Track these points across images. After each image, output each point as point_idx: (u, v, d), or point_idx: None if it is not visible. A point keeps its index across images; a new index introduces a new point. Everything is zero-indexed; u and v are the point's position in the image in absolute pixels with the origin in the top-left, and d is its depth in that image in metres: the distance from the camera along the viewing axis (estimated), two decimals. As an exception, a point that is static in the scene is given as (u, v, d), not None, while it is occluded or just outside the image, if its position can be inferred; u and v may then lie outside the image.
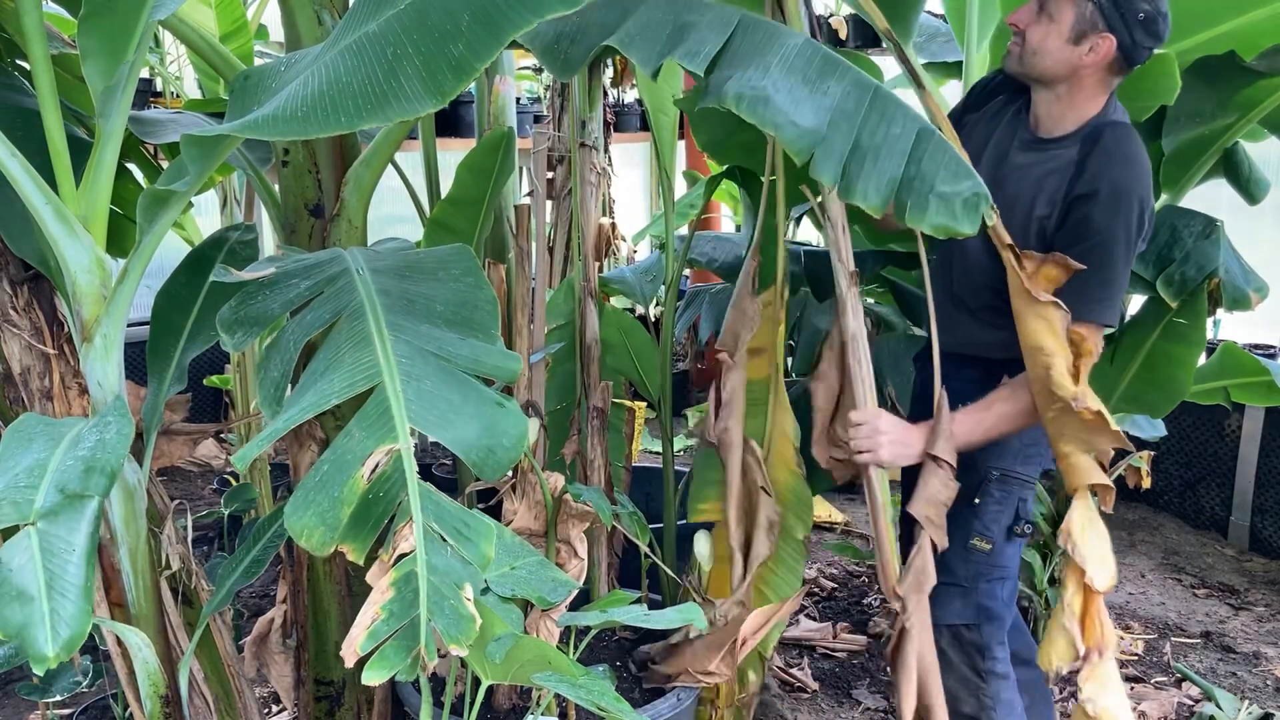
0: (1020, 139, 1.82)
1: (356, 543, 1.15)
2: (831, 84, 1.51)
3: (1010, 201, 1.75)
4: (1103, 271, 1.67)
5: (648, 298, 2.87)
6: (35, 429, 1.30)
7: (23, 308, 1.61)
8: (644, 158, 6.14)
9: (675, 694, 2.01)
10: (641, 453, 4.26)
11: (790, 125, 1.46)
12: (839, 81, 1.51)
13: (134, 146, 1.90)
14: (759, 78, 1.47)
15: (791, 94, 1.47)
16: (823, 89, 1.50)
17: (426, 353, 1.33)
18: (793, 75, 1.49)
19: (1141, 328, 2.32)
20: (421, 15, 1.10)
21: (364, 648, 1.08)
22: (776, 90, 1.47)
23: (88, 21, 1.36)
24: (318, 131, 1.08)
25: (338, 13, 1.74)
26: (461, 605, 1.13)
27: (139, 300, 1.50)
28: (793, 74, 1.50)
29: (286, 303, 1.43)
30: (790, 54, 1.52)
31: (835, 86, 1.51)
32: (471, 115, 4.09)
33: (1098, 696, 1.62)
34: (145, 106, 3.85)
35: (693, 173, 4.66)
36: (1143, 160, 1.71)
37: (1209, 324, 2.31)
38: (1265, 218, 2.76)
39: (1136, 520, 3.84)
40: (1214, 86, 2.06)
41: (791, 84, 1.48)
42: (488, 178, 2.13)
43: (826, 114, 1.48)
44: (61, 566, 1.10)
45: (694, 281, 4.77)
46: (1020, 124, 1.83)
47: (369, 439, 1.19)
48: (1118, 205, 1.66)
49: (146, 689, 1.50)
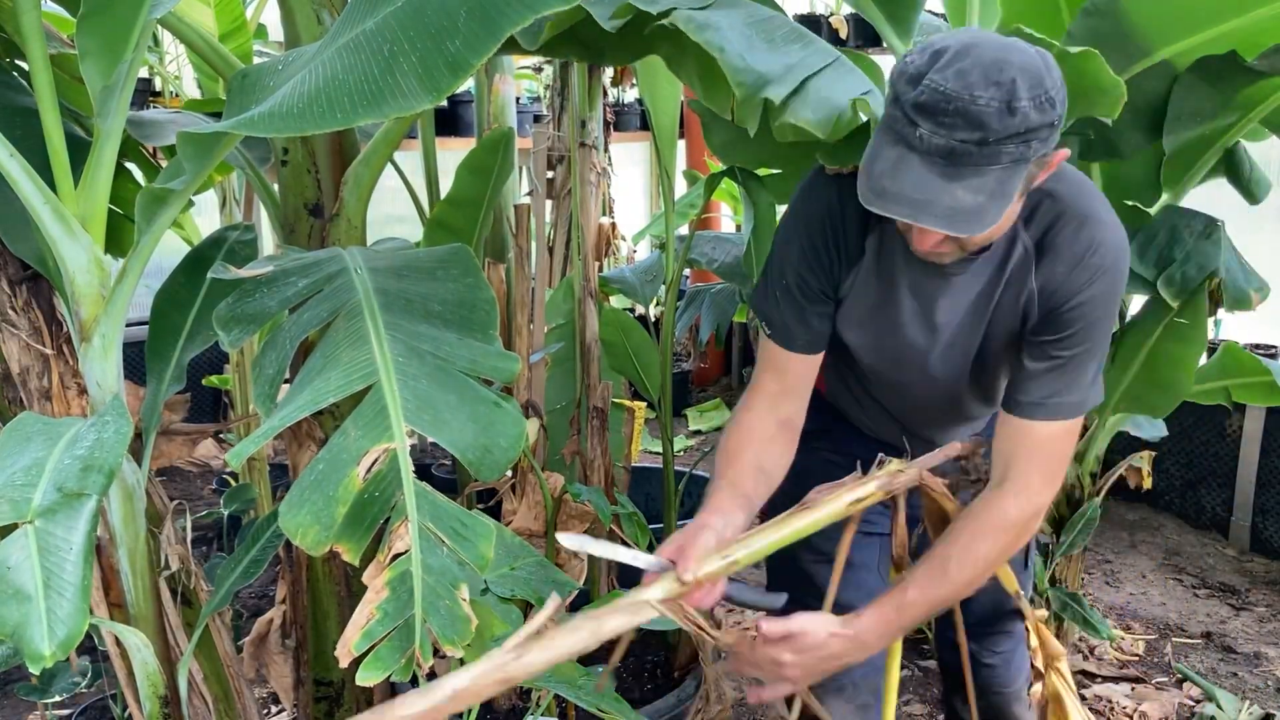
0: (948, 286, 1.38)
1: (352, 542, 1.14)
2: (795, 48, 1.50)
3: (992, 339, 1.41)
4: (1100, 351, 1.35)
5: (648, 298, 2.86)
6: (33, 428, 1.29)
7: (21, 307, 1.61)
8: (644, 158, 6.13)
9: (675, 693, 2.01)
10: (641, 453, 4.26)
11: (739, 58, 1.43)
12: (804, 49, 1.51)
13: (133, 146, 1.90)
14: (716, 18, 1.46)
15: (749, 43, 1.46)
16: (785, 50, 1.49)
17: (424, 352, 1.32)
18: (755, 31, 1.49)
19: (1142, 328, 2.32)
20: (418, 12, 1.10)
21: (358, 648, 1.08)
22: (731, 30, 1.45)
23: (86, 21, 1.36)
24: (314, 128, 1.08)
25: (336, 11, 1.74)
26: (457, 606, 1.13)
27: (138, 300, 1.50)
28: (755, 30, 1.49)
29: (284, 300, 1.43)
30: (759, 16, 1.52)
31: (798, 50, 1.50)
32: (471, 115, 4.08)
33: None
34: (144, 106, 3.85)
35: (693, 172, 4.66)
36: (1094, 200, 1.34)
37: (1210, 324, 2.31)
38: (1266, 218, 2.76)
39: (1137, 520, 3.84)
40: (1215, 86, 2.05)
41: (750, 35, 1.47)
42: (488, 178, 2.13)
43: (782, 67, 1.46)
44: (59, 565, 1.10)
45: (694, 281, 4.77)
46: (921, 271, 1.38)
47: (365, 438, 1.19)
48: (1109, 285, 1.31)
49: (145, 689, 1.50)
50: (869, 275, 1.41)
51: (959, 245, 1.27)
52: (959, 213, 1.12)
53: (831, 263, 1.42)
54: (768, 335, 1.46)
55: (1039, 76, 1.11)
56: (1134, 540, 3.70)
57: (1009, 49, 1.13)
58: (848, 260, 1.41)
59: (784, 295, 1.44)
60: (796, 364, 1.46)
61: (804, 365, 1.47)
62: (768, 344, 1.47)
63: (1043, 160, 1.18)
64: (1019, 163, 1.13)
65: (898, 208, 1.14)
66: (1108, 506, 3.42)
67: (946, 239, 1.23)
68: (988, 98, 1.08)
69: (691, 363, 5.38)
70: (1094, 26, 1.87)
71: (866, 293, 1.43)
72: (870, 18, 2.01)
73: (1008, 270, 1.35)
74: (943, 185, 1.12)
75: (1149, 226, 2.28)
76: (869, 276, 1.41)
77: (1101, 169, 2.34)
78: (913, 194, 1.13)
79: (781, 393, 1.46)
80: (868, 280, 1.42)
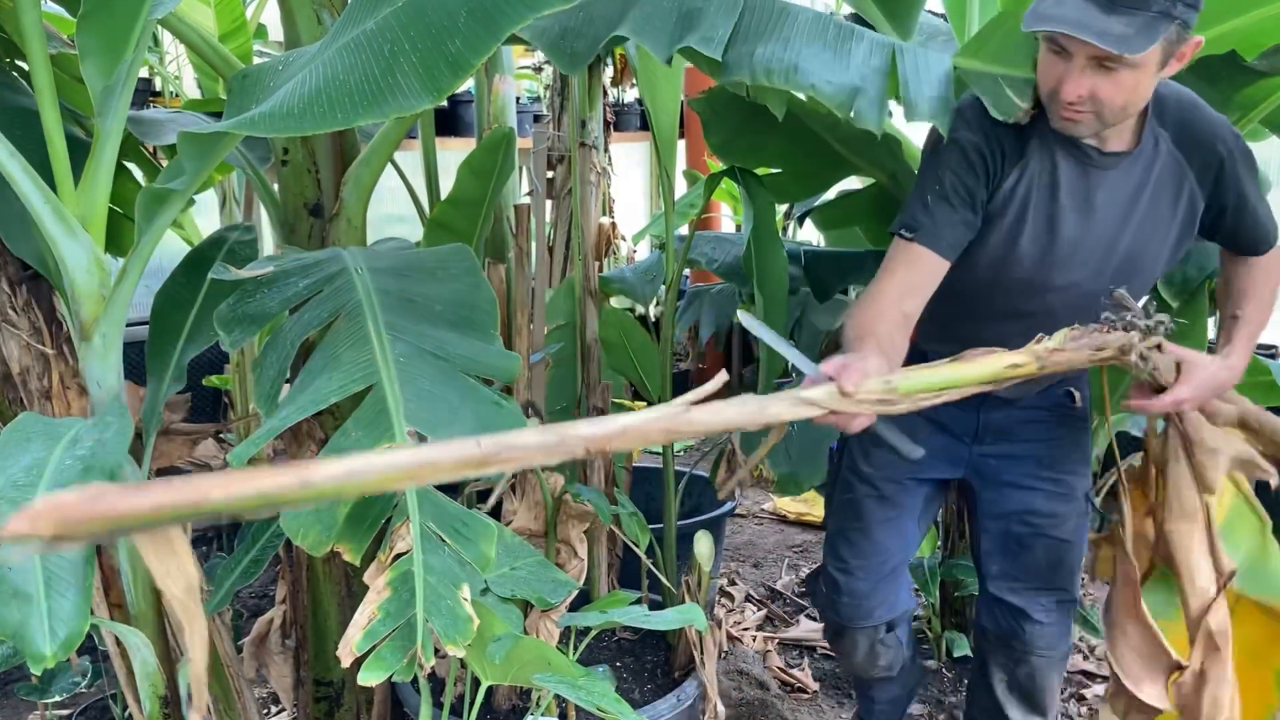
0: (1104, 179, 1.55)
1: (353, 542, 1.15)
2: (852, 45, 1.53)
3: (1148, 239, 1.59)
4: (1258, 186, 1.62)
5: (648, 298, 2.86)
6: (34, 428, 1.29)
7: (21, 308, 1.61)
8: (644, 158, 6.13)
9: (675, 694, 2.01)
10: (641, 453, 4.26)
11: (826, 84, 1.47)
12: (858, 42, 1.54)
13: (133, 146, 1.90)
14: (781, 50, 1.49)
15: (818, 58, 1.49)
16: (845, 50, 1.53)
17: (425, 352, 1.32)
18: (814, 42, 1.52)
19: (1142, 327, 2.32)
20: (419, 11, 1.10)
21: (360, 647, 1.08)
22: (802, 57, 1.49)
23: (86, 21, 1.36)
24: (314, 128, 1.08)
25: (337, 12, 1.74)
26: (459, 605, 1.13)
27: (138, 300, 1.50)
28: (813, 41, 1.52)
29: (285, 301, 1.43)
30: (805, 24, 1.54)
31: (856, 46, 1.53)
32: (471, 115, 4.08)
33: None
34: (144, 106, 3.85)
35: (693, 172, 4.66)
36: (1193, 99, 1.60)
37: (1210, 324, 2.31)
38: (1266, 217, 2.77)
39: (1137, 520, 3.84)
40: (1215, 86, 2.05)
41: (815, 50, 1.51)
42: (488, 178, 2.12)
43: (856, 70, 1.50)
44: (60, 566, 1.10)
45: (694, 281, 4.77)
46: (1078, 163, 1.54)
47: (366, 438, 1.19)
48: (1244, 153, 1.59)
49: (145, 689, 1.50)
50: (1032, 174, 1.55)
51: (1097, 116, 1.43)
52: (1109, 35, 1.30)
53: (990, 164, 1.55)
54: (908, 238, 1.54)
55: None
56: (1134, 540, 3.70)
57: None
58: (1008, 160, 1.55)
59: (936, 199, 1.53)
60: (932, 264, 1.54)
61: (938, 267, 1.55)
62: (905, 246, 1.54)
63: (1182, 35, 1.36)
64: (1164, 17, 1.31)
65: (1055, 25, 1.32)
66: (1108, 506, 3.42)
67: (1090, 99, 1.40)
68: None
69: (691, 363, 5.38)
70: (1094, 26, 1.87)
71: (1019, 191, 1.56)
72: (870, 17, 2.01)
73: (1155, 168, 1.55)
74: (1098, 15, 1.31)
75: (1149, 226, 2.28)
76: (1031, 176, 1.55)
77: (1101, 169, 2.34)
78: (1072, 15, 1.31)
79: (911, 287, 1.53)
80: (1027, 178, 1.55)
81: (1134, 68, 1.36)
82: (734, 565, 3.43)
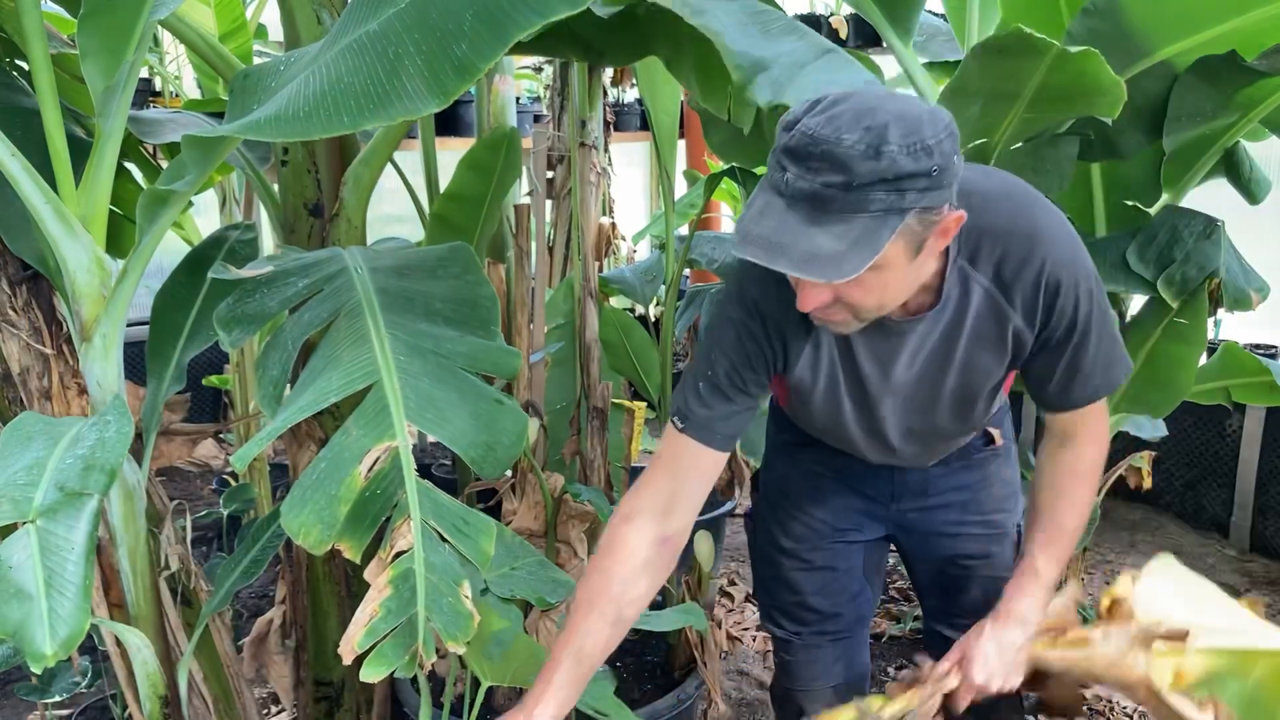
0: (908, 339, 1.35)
1: (354, 540, 1.15)
2: (790, 39, 1.49)
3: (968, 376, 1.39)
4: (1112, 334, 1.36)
5: (648, 298, 2.87)
6: (34, 428, 1.30)
7: (21, 307, 1.61)
8: (644, 158, 6.14)
9: (675, 693, 2.01)
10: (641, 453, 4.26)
11: (736, 42, 1.42)
12: (799, 39, 1.50)
13: (133, 146, 1.90)
14: (711, 5, 1.45)
15: (745, 30, 1.45)
16: (780, 40, 1.48)
17: (425, 350, 1.33)
18: (751, 20, 1.49)
19: (1142, 328, 2.32)
20: (422, 14, 1.10)
21: (361, 645, 1.08)
22: (728, 18, 1.44)
23: (87, 21, 1.36)
24: (320, 132, 1.08)
25: (337, 12, 1.74)
26: (459, 603, 1.13)
27: (138, 300, 1.50)
28: (752, 20, 1.49)
29: (284, 300, 1.43)
30: (755, 9, 1.51)
31: (794, 40, 1.49)
32: (471, 115, 4.08)
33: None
34: (144, 106, 3.85)
35: (693, 172, 4.66)
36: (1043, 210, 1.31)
37: (1210, 324, 2.30)
38: (1266, 218, 2.76)
39: (1137, 521, 3.84)
40: (1215, 86, 2.05)
41: (746, 24, 1.47)
42: (488, 175, 2.12)
43: (777, 54, 1.44)
44: (60, 564, 1.10)
45: (694, 281, 4.77)
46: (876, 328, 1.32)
47: (366, 436, 1.19)
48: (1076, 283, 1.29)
49: (145, 689, 1.50)
50: (825, 347, 1.37)
51: (854, 316, 1.22)
52: (815, 258, 1.06)
53: (770, 353, 1.36)
54: (679, 429, 1.37)
55: (916, 124, 1.05)
56: (1134, 540, 3.70)
57: (894, 99, 1.09)
58: (792, 345, 1.36)
59: (709, 388, 1.36)
60: (705, 463, 1.38)
61: (711, 465, 1.38)
62: (675, 440, 1.37)
63: (930, 219, 1.11)
64: (891, 213, 1.06)
65: (755, 250, 1.08)
66: (1108, 507, 3.42)
67: (836, 304, 1.19)
68: (853, 140, 1.03)
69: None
70: (1094, 26, 1.87)
71: (821, 363, 1.38)
72: (870, 18, 2.01)
73: (969, 316, 1.31)
74: (803, 230, 1.06)
75: (1149, 226, 2.27)
76: (825, 349, 1.37)
77: (1101, 169, 2.34)
78: (772, 237, 1.07)
79: (674, 498, 1.36)
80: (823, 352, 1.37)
81: (877, 269, 1.10)
82: (734, 565, 3.43)
